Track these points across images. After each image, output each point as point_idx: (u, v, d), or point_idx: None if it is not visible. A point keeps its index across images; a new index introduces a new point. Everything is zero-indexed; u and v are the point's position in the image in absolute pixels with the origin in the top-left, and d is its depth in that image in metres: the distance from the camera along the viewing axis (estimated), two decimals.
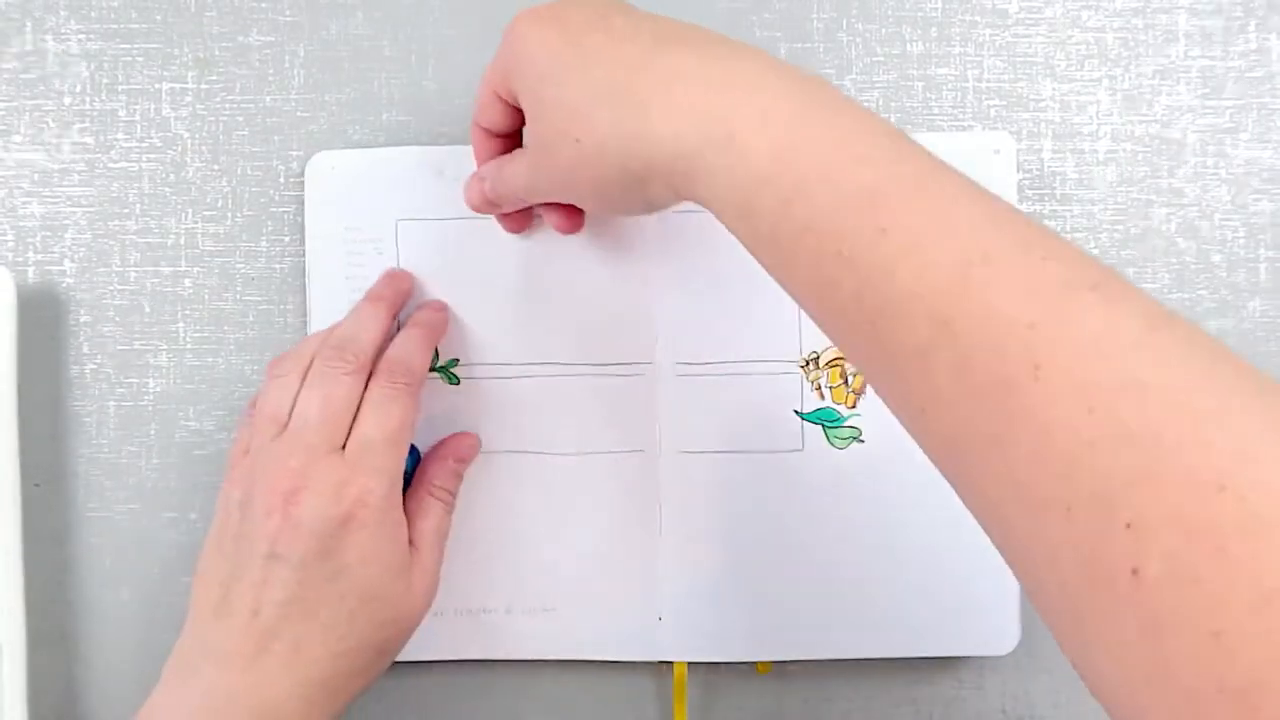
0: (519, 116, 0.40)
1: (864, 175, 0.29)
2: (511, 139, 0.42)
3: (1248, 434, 0.23)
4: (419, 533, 0.42)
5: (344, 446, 0.40)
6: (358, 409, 0.40)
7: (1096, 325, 0.25)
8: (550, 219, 0.43)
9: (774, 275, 0.32)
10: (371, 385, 0.41)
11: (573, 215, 0.43)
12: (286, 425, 0.40)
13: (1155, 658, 0.23)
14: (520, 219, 0.45)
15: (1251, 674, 0.21)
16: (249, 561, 0.38)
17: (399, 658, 0.46)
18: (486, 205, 0.43)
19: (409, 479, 0.44)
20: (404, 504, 0.41)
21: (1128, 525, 0.23)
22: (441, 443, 0.45)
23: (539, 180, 0.39)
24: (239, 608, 0.38)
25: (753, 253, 0.33)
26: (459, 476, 0.45)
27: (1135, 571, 0.23)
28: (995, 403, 0.26)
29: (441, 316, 0.45)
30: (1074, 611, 0.25)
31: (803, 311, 0.32)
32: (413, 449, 0.44)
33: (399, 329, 0.44)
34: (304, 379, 0.41)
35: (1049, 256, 0.27)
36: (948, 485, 0.45)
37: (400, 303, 0.45)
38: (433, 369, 0.46)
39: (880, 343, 0.28)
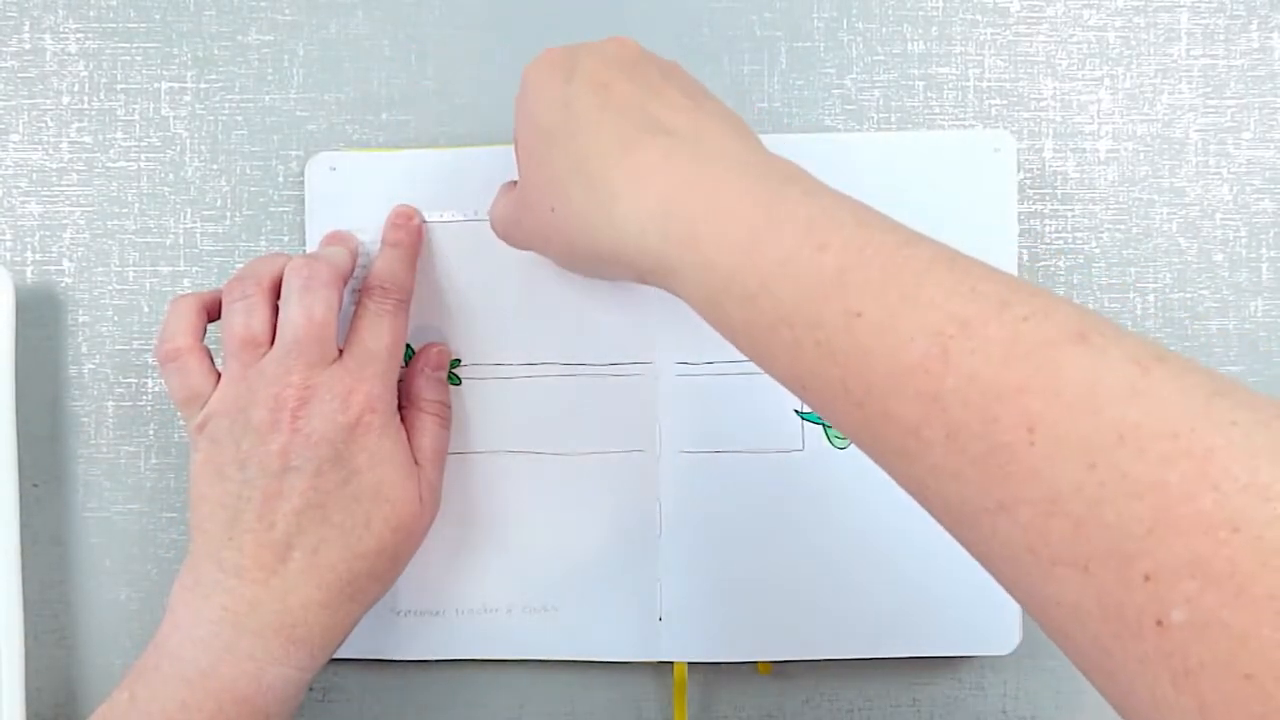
0: None
1: (828, 262, 0.29)
2: None
3: (1256, 468, 0.23)
4: (419, 449, 0.43)
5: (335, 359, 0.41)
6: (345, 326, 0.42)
7: (1085, 379, 0.25)
8: None
9: (757, 363, 0.32)
10: (365, 301, 0.43)
11: None
12: (269, 344, 0.40)
13: (1193, 705, 0.23)
14: None
15: None
16: (258, 480, 0.39)
17: (399, 657, 0.46)
18: None
19: None
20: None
21: (1146, 577, 0.23)
22: (414, 360, 0.45)
23: (516, 232, 0.41)
24: (252, 524, 0.39)
25: (734, 345, 0.33)
26: (444, 384, 0.45)
27: (1160, 622, 0.23)
28: (995, 470, 0.26)
29: (415, 226, 0.45)
30: (1107, 663, 0.25)
31: None
32: None
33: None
34: (268, 299, 0.41)
35: (1029, 315, 0.27)
36: None
37: (355, 253, 0.45)
38: None
39: (871, 425, 0.29)
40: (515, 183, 0.42)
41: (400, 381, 0.44)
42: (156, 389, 0.48)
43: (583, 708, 0.47)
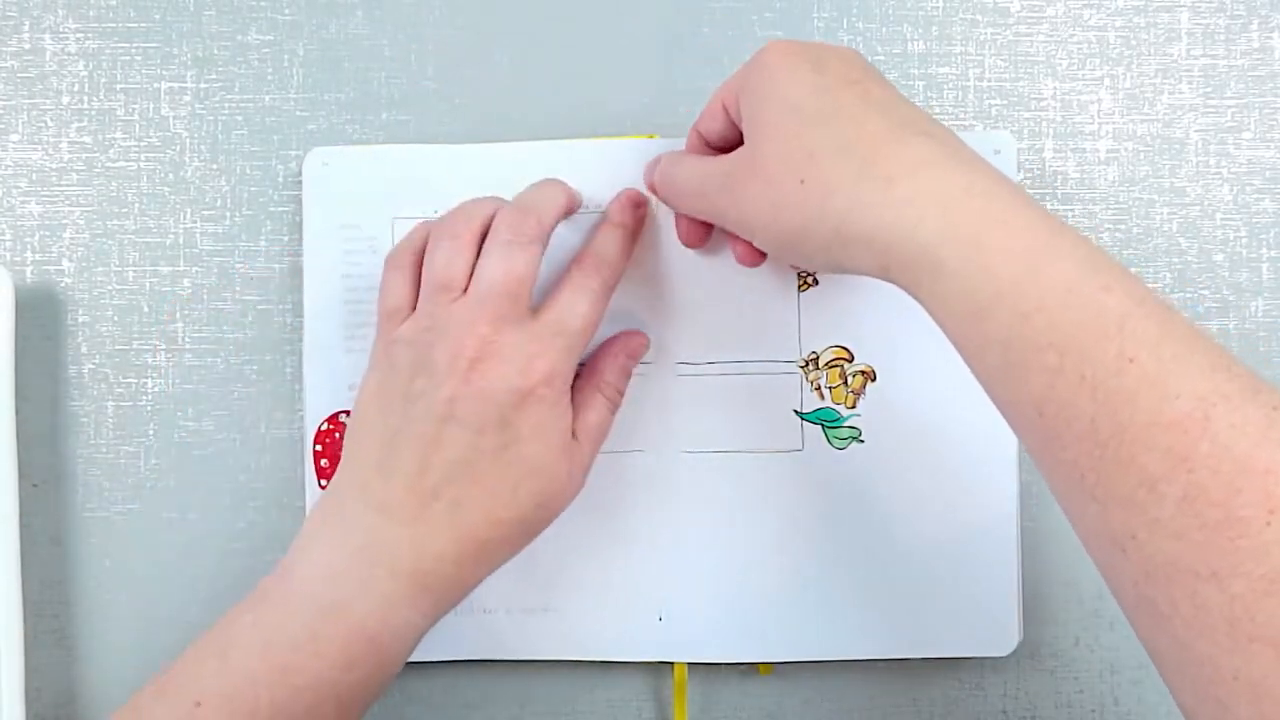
0: (737, 136, 0.40)
1: (1111, 304, 0.30)
2: (723, 153, 0.41)
3: None
4: (583, 425, 0.42)
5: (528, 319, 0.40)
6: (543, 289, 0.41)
7: None
8: (736, 248, 0.42)
9: (988, 381, 0.32)
10: (573, 270, 0.42)
11: (755, 252, 0.42)
12: (464, 289, 0.40)
13: None
14: (698, 234, 0.44)
15: None
16: (420, 421, 0.39)
17: None
18: (651, 189, 0.44)
19: None
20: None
21: None
22: (614, 339, 0.45)
23: (719, 200, 0.39)
24: (406, 463, 0.39)
25: (970, 357, 0.33)
26: (629, 374, 0.45)
27: None
28: (1222, 540, 0.27)
29: (643, 214, 0.45)
30: None
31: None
32: None
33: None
34: (474, 243, 0.41)
35: (1277, 406, 0.28)
36: (949, 486, 0.45)
37: (574, 200, 0.44)
38: None
39: (1104, 466, 0.29)
40: (676, 154, 0.43)
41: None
42: (156, 389, 0.48)
43: (583, 708, 0.47)
